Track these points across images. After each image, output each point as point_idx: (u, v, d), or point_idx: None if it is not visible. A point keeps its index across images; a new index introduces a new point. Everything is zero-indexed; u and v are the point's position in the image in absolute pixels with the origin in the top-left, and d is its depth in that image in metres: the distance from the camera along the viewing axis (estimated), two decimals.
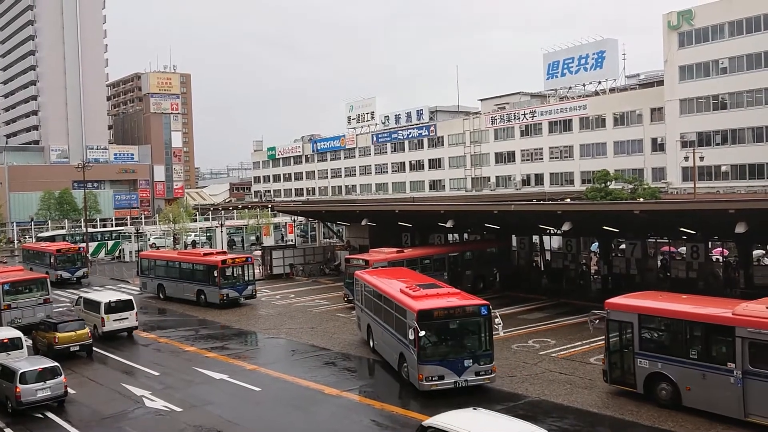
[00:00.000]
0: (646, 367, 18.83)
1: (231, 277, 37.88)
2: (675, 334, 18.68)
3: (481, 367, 20.23)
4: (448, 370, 20.02)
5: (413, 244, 44.99)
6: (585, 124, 76.76)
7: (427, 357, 20.01)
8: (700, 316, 18.11)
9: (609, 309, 19.84)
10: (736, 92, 61.62)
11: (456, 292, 22.36)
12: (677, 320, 18.48)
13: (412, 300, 21.32)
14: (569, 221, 31.29)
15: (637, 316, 19.12)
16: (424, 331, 19.87)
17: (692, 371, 17.82)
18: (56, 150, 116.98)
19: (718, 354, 17.46)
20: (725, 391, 17.06)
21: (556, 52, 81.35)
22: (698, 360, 17.73)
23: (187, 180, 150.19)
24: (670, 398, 18.32)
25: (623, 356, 19.50)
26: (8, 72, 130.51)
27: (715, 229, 31.63)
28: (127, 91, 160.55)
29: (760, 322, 16.49)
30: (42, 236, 70.34)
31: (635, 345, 19.05)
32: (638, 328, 19.01)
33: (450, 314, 20.61)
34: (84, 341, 26.92)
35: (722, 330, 17.32)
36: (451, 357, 20.21)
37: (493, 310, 20.75)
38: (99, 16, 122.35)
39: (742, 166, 61.68)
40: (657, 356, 18.65)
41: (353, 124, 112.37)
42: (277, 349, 28.27)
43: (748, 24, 60.30)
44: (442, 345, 20.59)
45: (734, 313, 17.25)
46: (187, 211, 77.59)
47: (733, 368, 16.90)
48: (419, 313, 20.09)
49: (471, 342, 20.66)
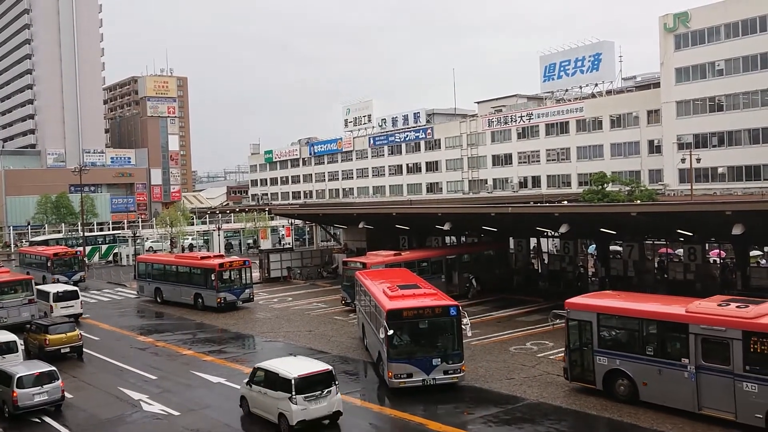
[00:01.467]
0: (604, 364, 19.41)
1: (228, 280, 37.83)
2: (632, 332, 19.29)
3: (450, 366, 20.66)
4: (417, 369, 20.50)
5: (411, 246, 44.96)
6: (582, 127, 76.88)
7: (397, 355, 20.55)
8: (655, 314, 18.81)
9: (569, 309, 20.37)
10: (733, 94, 61.79)
11: (433, 293, 22.61)
12: (634, 318, 19.12)
13: (387, 300, 21.95)
14: (566, 223, 31.32)
15: (596, 315, 19.70)
16: (392, 330, 20.42)
17: (649, 367, 18.44)
18: (53, 154, 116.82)
19: (672, 350, 18.14)
20: (680, 386, 17.74)
21: (553, 54, 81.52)
22: (654, 356, 18.38)
23: (184, 183, 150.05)
24: (627, 394, 18.93)
25: (583, 354, 20.07)
26: (5, 76, 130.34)
27: (712, 230, 31.68)
28: (123, 95, 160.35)
29: (712, 319, 17.21)
30: (34, 241, 70.03)
31: (594, 343, 19.65)
32: (597, 327, 19.61)
33: (419, 314, 21.02)
34: (74, 343, 27.31)
35: (677, 327, 18.05)
36: (420, 355, 20.67)
37: (463, 311, 21.07)
38: (95, 20, 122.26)
39: (738, 168, 61.81)
40: (615, 353, 19.27)
41: (350, 127, 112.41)
42: (274, 352, 28.14)
43: (744, 26, 60.49)
44: (411, 344, 21.10)
45: (687, 310, 17.92)
46: (185, 215, 77.50)
47: (687, 364, 17.58)
48: (388, 312, 20.73)
49: (440, 341, 21.11)
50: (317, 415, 18.00)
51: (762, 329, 16.44)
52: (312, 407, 17.85)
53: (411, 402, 20.26)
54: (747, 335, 16.56)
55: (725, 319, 17.05)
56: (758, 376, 16.35)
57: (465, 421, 18.74)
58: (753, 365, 16.47)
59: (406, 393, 20.83)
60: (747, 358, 16.53)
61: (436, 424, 18.38)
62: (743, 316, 16.89)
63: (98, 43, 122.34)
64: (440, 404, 20.23)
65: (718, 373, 17.04)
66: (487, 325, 30.57)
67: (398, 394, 20.85)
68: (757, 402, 16.34)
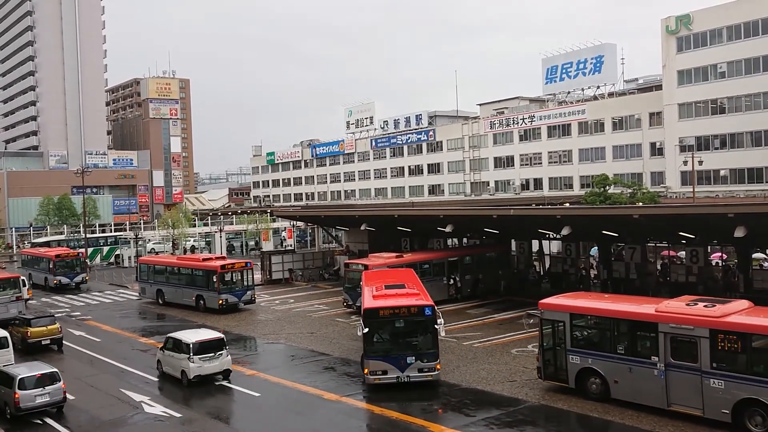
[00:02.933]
0: (577, 363, 19.84)
1: (230, 282, 37.84)
2: (604, 331, 19.80)
3: (425, 364, 21.19)
4: (392, 366, 21.19)
5: (412, 249, 44.95)
6: (584, 129, 76.82)
7: (373, 352, 21.34)
8: (626, 313, 19.29)
9: (542, 309, 20.81)
10: (735, 96, 61.70)
11: (415, 294, 23.08)
12: (606, 318, 19.67)
13: (368, 299, 22.83)
14: (568, 226, 31.31)
15: (569, 315, 20.13)
16: (367, 328, 21.12)
17: (620, 365, 18.94)
18: (55, 155, 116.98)
19: (643, 349, 18.69)
20: (650, 383, 18.26)
21: (555, 56, 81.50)
22: (625, 355, 18.93)
23: (186, 185, 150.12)
24: (599, 391, 19.41)
25: (556, 353, 20.43)
26: (7, 77, 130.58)
27: (715, 233, 31.64)
28: (126, 97, 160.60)
29: (681, 318, 17.80)
30: (37, 242, 70.15)
31: (567, 342, 20.07)
32: (570, 327, 20.05)
33: (395, 313, 21.64)
34: (55, 335, 29.45)
35: (647, 326, 18.57)
36: (395, 353, 21.32)
37: (438, 312, 21.49)
38: (98, 22, 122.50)
39: (741, 171, 61.72)
40: (587, 352, 19.73)
41: (352, 129, 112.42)
42: (276, 354, 28.23)
43: (746, 28, 60.42)
44: (386, 342, 21.76)
45: (657, 310, 18.48)
46: (186, 217, 77.54)
47: (657, 361, 18.12)
48: (364, 311, 21.74)
49: (415, 340, 21.68)
50: (210, 372, 22.96)
51: (728, 327, 17.05)
52: (206, 365, 22.88)
53: (412, 403, 20.27)
54: (714, 333, 17.15)
55: (693, 318, 17.63)
56: (724, 372, 16.94)
57: (467, 423, 18.71)
58: (719, 362, 17.06)
59: (408, 394, 20.83)
60: (714, 355, 17.12)
61: (437, 426, 18.37)
62: (710, 315, 17.46)
63: (101, 45, 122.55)
64: (444, 406, 20.21)
65: (686, 370, 17.59)
66: (489, 328, 30.56)
67: (400, 396, 20.83)
68: (724, 398, 16.86)
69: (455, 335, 28.90)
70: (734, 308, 17.88)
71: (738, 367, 16.88)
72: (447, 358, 25.03)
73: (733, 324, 17.10)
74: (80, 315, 38.80)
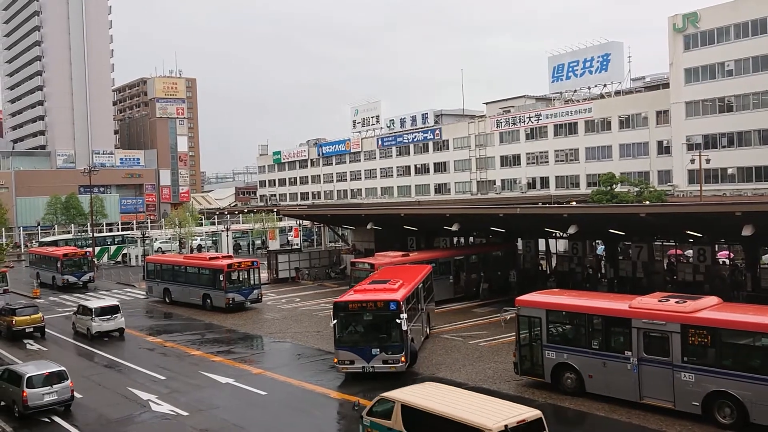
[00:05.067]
0: (553, 358, 20.30)
1: (237, 281, 37.92)
2: (579, 327, 20.26)
3: (389, 357, 22.18)
4: (358, 356, 22.34)
5: (419, 247, 44.90)
6: (590, 127, 76.66)
7: (342, 343, 22.58)
8: (600, 310, 19.81)
9: (519, 305, 21.20)
10: (742, 95, 61.47)
11: (391, 289, 23.68)
12: (581, 314, 20.15)
13: (347, 294, 24.05)
14: (575, 224, 31.22)
15: (545, 311, 20.57)
16: (335, 320, 22.33)
17: (594, 360, 19.46)
18: (63, 155, 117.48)
19: (616, 344, 19.18)
20: (623, 377, 18.79)
21: (561, 55, 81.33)
22: (599, 350, 19.43)
23: (192, 184, 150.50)
24: (574, 386, 19.89)
25: (532, 349, 20.90)
26: (15, 77, 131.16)
27: (722, 231, 31.51)
28: (133, 96, 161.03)
29: (653, 314, 18.35)
30: (44, 241, 70.47)
31: (543, 338, 20.51)
32: (546, 323, 20.48)
33: (362, 307, 22.73)
34: (38, 324, 32.30)
35: (620, 322, 19.08)
36: (361, 344, 22.47)
37: (402, 306, 22.18)
38: (105, 22, 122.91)
39: (748, 169, 61.48)
40: (563, 348, 20.21)
41: (358, 128, 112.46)
42: (282, 352, 28.28)
43: (753, 26, 60.17)
44: (354, 333, 22.92)
45: (630, 306, 19.02)
46: (193, 216, 77.65)
47: (630, 356, 18.64)
48: (334, 304, 22.87)
49: (380, 333, 22.59)
50: (107, 329, 31.43)
51: (699, 322, 17.61)
52: (104, 324, 31.30)
53: None
54: (685, 328, 17.72)
55: (665, 314, 18.16)
56: (695, 366, 17.50)
57: None
58: (690, 356, 17.65)
59: None
60: (685, 349, 17.70)
61: None
62: (682, 311, 18.00)
63: (108, 45, 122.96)
64: None
65: (658, 364, 18.13)
66: (496, 326, 30.45)
67: None
68: (694, 391, 17.44)
69: (461, 334, 28.89)
70: (704, 304, 18.42)
71: (708, 360, 17.45)
72: (453, 357, 25.06)
73: (703, 319, 17.66)
74: None
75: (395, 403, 14.50)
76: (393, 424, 14.43)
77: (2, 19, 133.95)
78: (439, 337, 28.63)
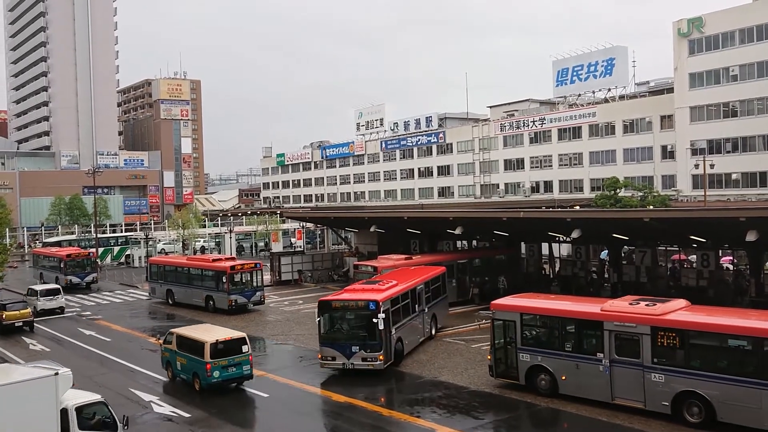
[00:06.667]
0: (527, 361, 20.66)
1: (240, 282, 37.93)
2: (552, 330, 20.78)
3: (368, 354, 23.00)
4: (338, 353, 23.27)
5: (422, 251, 44.90)
6: (594, 132, 76.59)
7: (324, 340, 23.57)
8: (573, 313, 20.29)
9: (494, 309, 21.59)
10: (747, 100, 61.34)
11: (377, 290, 24.39)
12: (554, 317, 20.65)
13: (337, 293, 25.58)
14: (579, 228, 31.18)
15: (519, 315, 20.95)
16: (319, 318, 23.47)
17: (567, 362, 19.87)
18: (67, 155, 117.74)
19: (589, 346, 19.62)
20: (595, 378, 19.23)
21: (566, 59, 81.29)
22: (572, 352, 19.87)
23: (196, 186, 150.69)
24: (548, 387, 20.28)
25: (507, 352, 21.27)
26: (20, 78, 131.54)
27: (726, 237, 31.45)
28: (137, 98, 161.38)
29: (624, 317, 18.83)
30: (48, 242, 70.61)
31: (517, 341, 20.89)
32: (520, 326, 20.88)
33: (344, 306, 23.91)
34: (26, 318, 34.28)
35: (592, 325, 19.53)
36: (342, 342, 23.40)
37: (381, 306, 22.80)
38: (110, 23, 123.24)
39: (752, 174, 61.33)
40: (537, 350, 20.59)
41: (362, 131, 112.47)
42: (285, 355, 28.27)
43: (758, 31, 60.05)
44: (335, 331, 23.87)
45: (602, 309, 19.46)
46: (197, 217, 77.77)
47: (602, 358, 19.07)
48: (318, 303, 24.01)
49: (360, 331, 23.43)
50: (50, 307, 38.71)
51: (668, 324, 18.13)
52: (48, 303, 38.77)
53: (416, 405, 20.27)
54: (655, 330, 18.20)
55: (636, 317, 18.64)
56: (665, 367, 18.01)
57: (475, 426, 18.69)
58: (660, 357, 18.14)
59: (419, 396, 20.79)
60: (655, 351, 18.18)
61: (446, 429, 18.34)
62: (651, 313, 18.47)
63: (113, 46, 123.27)
64: (451, 411, 20.19)
65: (629, 365, 18.61)
66: None
67: (411, 400, 20.79)
68: (664, 391, 17.93)
69: (463, 338, 28.86)
70: (673, 307, 18.91)
71: (677, 361, 17.96)
72: (455, 361, 25.05)
73: (672, 321, 18.18)
74: (91, 314, 39.03)
75: (174, 334, 23.71)
76: (173, 346, 23.45)
77: (8, 20, 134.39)
78: (442, 341, 28.60)
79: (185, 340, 23.00)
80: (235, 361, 22.01)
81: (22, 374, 14.22)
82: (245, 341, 22.40)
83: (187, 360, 22.61)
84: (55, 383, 13.66)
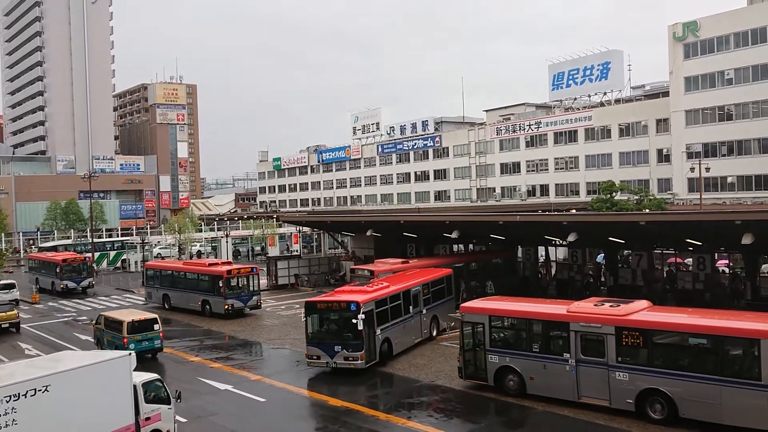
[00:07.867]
0: (495, 362, 21.08)
1: (236, 287, 37.85)
2: (520, 332, 21.16)
3: (350, 354, 23.68)
4: (323, 352, 24.07)
5: (418, 254, 44.92)
6: (590, 135, 76.77)
7: (310, 339, 24.36)
8: (540, 314, 20.80)
9: (463, 312, 22.02)
10: (742, 103, 61.59)
11: (362, 291, 25.25)
12: (522, 319, 21.06)
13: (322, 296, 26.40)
14: (575, 232, 31.25)
15: (488, 317, 21.33)
16: (306, 318, 24.39)
17: (535, 363, 20.31)
18: (63, 160, 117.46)
19: (555, 347, 20.15)
20: (562, 378, 19.68)
21: (561, 63, 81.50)
22: (540, 353, 20.31)
23: (192, 190, 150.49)
24: (516, 388, 20.68)
25: (476, 353, 21.65)
26: (16, 82, 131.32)
27: (722, 240, 31.52)
28: (133, 102, 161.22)
29: (589, 317, 19.35)
30: (44, 246, 70.38)
31: (486, 343, 21.27)
32: (489, 328, 21.28)
33: (328, 307, 24.74)
34: (13, 320, 35.06)
35: (559, 326, 20.04)
36: (327, 342, 24.17)
37: (361, 307, 23.41)
38: (106, 28, 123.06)
39: (748, 177, 61.53)
40: (505, 351, 21.01)
41: (358, 135, 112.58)
42: (281, 359, 28.23)
43: (753, 35, 60.33)
44: (320, 331, 24.66)
45: (568, 310, 19.97)
46: (193, 222, 77.55)
47: (569, 358, 19.53)
48: (305, 304, 24.84)
49: (343, 331, 24.03)
50: (6, 299, 40.70)
51: (631, 325, 18.67)
52: (3, 296, 41.60)
53: (422, 411, 20.28)
54: (619, 330, 18.73)
55: (600, 317, 19.17)
56: (628, 366, 18.55)
57: (473, 429, 18.66)
58: (624, 356, 18.66)
59: (418, 401, 20.75)
60: (619, 350, 18.71)
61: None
62: (616, 314, 19.02)
63: (109, 51, 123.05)
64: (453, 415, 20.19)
65: (594, 365, 19.12)
66: None
67: (409, 404, 20.77)
68: (628, 389, 18.47)
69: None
70: (636, 307, 19.46)
71: (640, 360, 18.48)
72: (451, 365, 24.98)
73: (635, 321, 18.73)
74: (87, 320, 38.87)
75: (102, 316, 28.81)
76: (101, 326, 28.18)
77: (4, 24, 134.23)
78: (440, 345, 28.62)
79: (110, 321, 28.03)
80: (148, 337, 27.01)
81: (101, 356, 16.12)
82: (157, 321, 27.42)
83: (111, 336, 27.30)
84: (129, 362, 15.52)
